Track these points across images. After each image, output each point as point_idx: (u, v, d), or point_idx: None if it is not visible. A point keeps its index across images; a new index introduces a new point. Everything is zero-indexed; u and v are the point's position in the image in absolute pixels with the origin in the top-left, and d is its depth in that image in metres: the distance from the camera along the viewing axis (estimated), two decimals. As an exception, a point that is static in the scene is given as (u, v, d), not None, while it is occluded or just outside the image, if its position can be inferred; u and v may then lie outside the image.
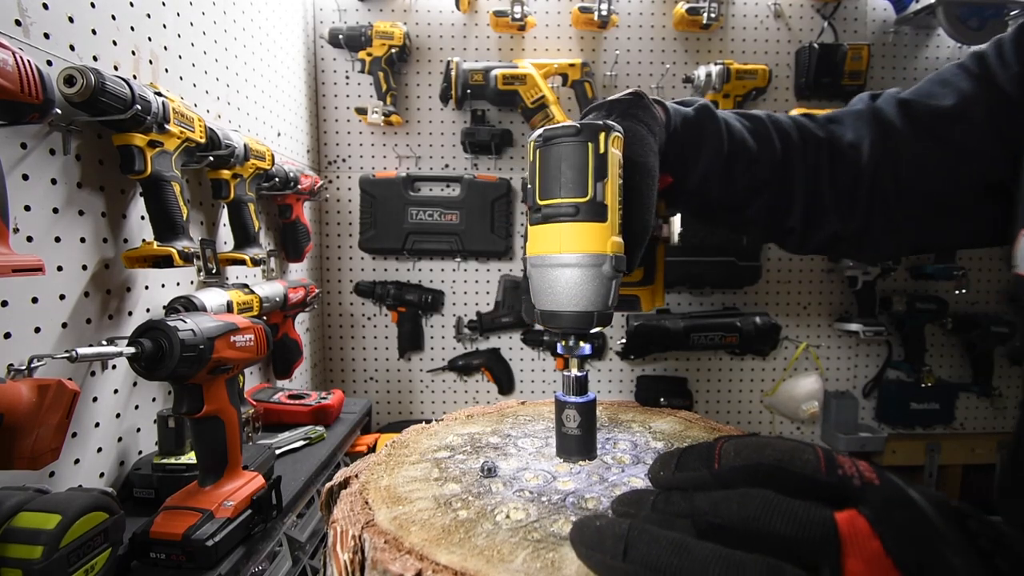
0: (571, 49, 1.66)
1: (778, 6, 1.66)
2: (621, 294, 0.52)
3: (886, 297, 1.73)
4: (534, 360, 1.74)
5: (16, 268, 0.52)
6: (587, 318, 0.44)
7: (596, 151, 0.43)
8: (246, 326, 0.70)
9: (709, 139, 0.58)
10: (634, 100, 0.52)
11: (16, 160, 0.63)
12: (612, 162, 0.43)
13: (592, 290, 0.44)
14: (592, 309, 0.44)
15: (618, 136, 0.45)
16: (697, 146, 0.57)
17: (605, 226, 0.43)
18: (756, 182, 0.60)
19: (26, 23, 0.64)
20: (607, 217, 0.43)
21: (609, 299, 0.44)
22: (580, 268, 0.43)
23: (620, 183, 0.45)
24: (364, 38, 1.54)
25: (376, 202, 1.63)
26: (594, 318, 0.45)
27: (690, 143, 0.57)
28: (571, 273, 0.44)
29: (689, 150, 0.57)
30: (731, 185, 0.60)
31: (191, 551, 0.62)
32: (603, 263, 0.43)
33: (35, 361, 0.57)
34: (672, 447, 0.52)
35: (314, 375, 1.62)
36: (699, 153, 0.58)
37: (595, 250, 0.43)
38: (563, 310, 0.45)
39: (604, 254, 0.43)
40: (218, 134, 0.91)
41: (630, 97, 0.52)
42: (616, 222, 0.44)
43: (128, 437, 0.81)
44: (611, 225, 0.43)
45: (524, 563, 0.33)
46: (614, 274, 0.44)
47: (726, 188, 0.59)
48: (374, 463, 0.49)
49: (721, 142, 0.58)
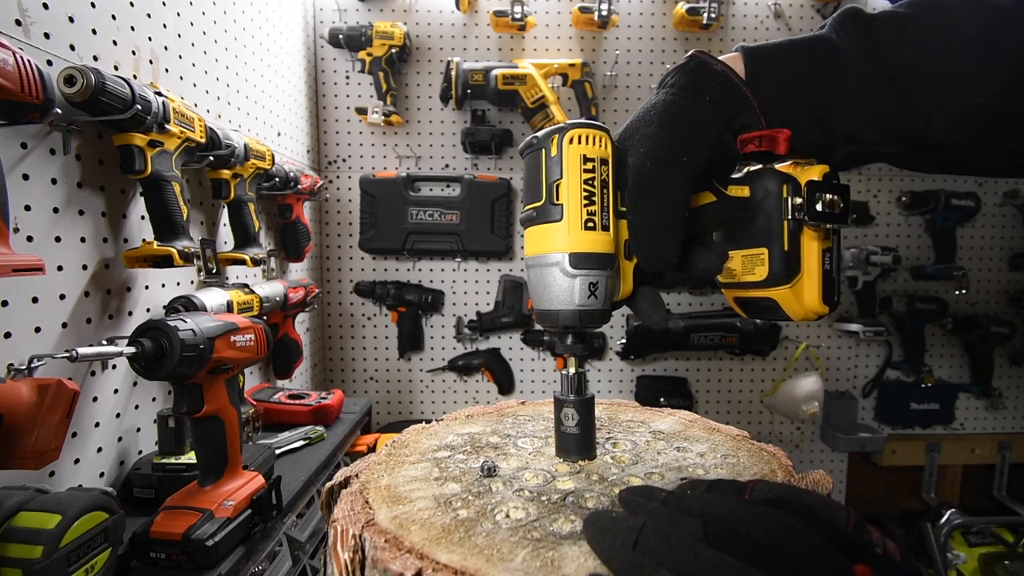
0: (571, 49, 1.66)
1: (778, 6, 1.66)
2: (750, 296, 0.49)
3: (886, 297, 1.73)
4: (534, 360, 1.74)
5: (16, 268, 0.52)
6: (554, 316, 0.45)
7: (548, 155, 0.44)
8: (246, 326, 0.70)
9: (840, 61, 0.42)
10: (682, 65, 0.45)
11: (16, 160, 0.63)
12: (570, 161, 0.43)
13: (555, 289, 0.44)
14: (556, 308, 0.44)
15: (585, 132, 0.43)
16: (825, 74, 0.43)
17: (560, 225, 0.43)
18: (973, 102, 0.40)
19: (26, 23, 0.64)
20: (563, 216, 0.43)
21: (576, 297, 0.44)
22: (545, 268, 0.44)
23: (592, 177, 0.43)
24: (364, 38, 1.54)
25: (376, 202, 1.63)
26: (558, 316, 0.45)
27: (812, 74, 0.43)
28: (540, 273, 0.45)
29: (812, 84, 0.43)
30: (924, 114, 0.41)
31: (191, 551, 0.62)
32: (561, 262, 0.43)
33: (35, 361, 0.57)
34: (672, 447, 0.52)
35: (314, 375, 1.62)
36: (830, 83, 0.42)
37: (552, 249, 0.44)
38: (540, 308, 0.46)
39: (560, 252, 0.43)
40: (218, 134, 0.91)
41: (682, 63, 0.45)
42: (580, 218, 0.43)
43: (128, 437, 0.81)
44: (568, 223, 0.43)
45: (524, 562, 0.33)
46: (576, 272, 0.43)
47: (916, 119, 0.42)
48: (374, 463, 0.49)
49: (868, 58, 0.41)
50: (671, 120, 0.43)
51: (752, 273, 0.48)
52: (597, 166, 0.43)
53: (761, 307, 0.49)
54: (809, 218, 0.44)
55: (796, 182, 0.45)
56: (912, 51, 0.40)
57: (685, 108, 0.43)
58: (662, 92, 0.45)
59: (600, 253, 0.43)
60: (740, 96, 0.43)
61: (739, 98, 0.43)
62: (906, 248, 1.76)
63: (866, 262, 1.66)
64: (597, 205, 0.43)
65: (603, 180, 0.44)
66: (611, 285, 0.45)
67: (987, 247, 1.79)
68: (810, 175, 0.45)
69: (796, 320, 0.47)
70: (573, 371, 0.48)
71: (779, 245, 0.46)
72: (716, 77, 0.43)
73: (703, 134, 0.43)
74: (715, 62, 0.44)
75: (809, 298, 0.46)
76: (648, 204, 0.43)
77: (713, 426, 0.59)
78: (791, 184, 0.45)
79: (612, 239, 0.44)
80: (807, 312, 0.46)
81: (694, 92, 0.43)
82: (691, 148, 0.43)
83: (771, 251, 0.46)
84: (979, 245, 1.79)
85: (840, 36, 0.43)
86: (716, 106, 0.43)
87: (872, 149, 0.44)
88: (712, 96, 0.43)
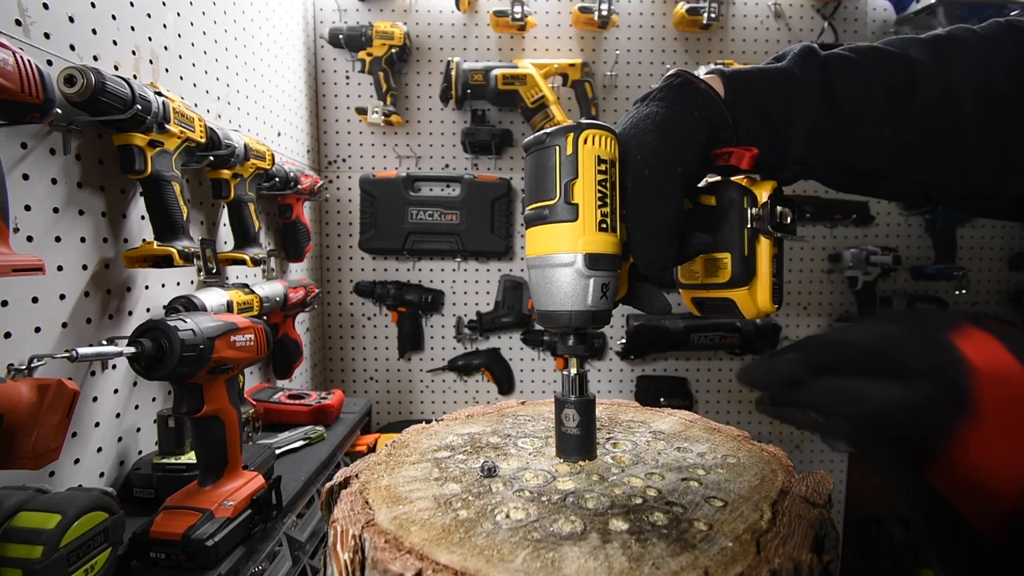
0: (571, 49, 1.66)
1: (778, 6, 1.66)
2: (709, 297, 0.52)
3: (886, 297, 1.73)
4: (534, 360, 1.74)
5: (16, 268, 0.52)
6: (564, 317, 0.45)
7: (563, 152, 0.44)
8: (246, 326, 0.70)
9: (801, 94, 0.47)
10: (668, 82, 0.47)
11: (16, 160, 0.63)
12: (585, 160, 0.43)
13: (567, 290, 0.44)
14: (568, 309, 0.45)
15: (599, 134, 0.44)
16: (788, 103, 0.47)
17: (575, 225, 0.43)
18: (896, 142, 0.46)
19: (26, 23, 0.64)
20: (578, 216, 0.43)
21: (588, 298, 0.44)
22: (553, 268, 0.44)
23: (605, 179, 0.44)
24: (364, 38, 1.54)
25: (376, 202, 1.63)
26: (571, 317, 0.45)
27: (778, 102, 0.47)
28: (546, 273, 0.45)
29: (777, 110, 0.47)
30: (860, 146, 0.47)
31: (191, 551, 0.62)
32: (574, 262, 0.43)
33: (35, 361, 0.57)
34: (673, 447, 0.52)
35: (314, 375, 1.62)
36: (792, 113, 0.47)
37: (563, 250, 0.44)
38: (545, 309, 0.46)
39: (574, 253, 0.43)
40: (218, 134, 0.91)
41: (668, 80, 0.48)
42: (595, 219, 0.44)
43: (128, 437, 0.81)
44: (583, 224, 0.43)
45: (524, 563, 0.33)
46: (591, 273, 0.44)
47: (854, 150, 0.47)
48: (374, 463, 0.49)
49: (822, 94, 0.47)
50: (668, 131, 0.45)
51: (715, 276, 0.51)
52: (608, 168, 0.44)
53: (717, 306, 0.53)
54: (770, 227, 0.48)
55: (754, 195, 0.49)
56: (856, 93, 0.47)
57: (680, 121, 0.46)
58: (652, 104, 0.47)
59: (613, 255, 0.45)
60: (721, 114, 0.47)
61: (720, 115, 0.47)
62: (906, 248, 1.76)
63: (866, 262, 1.66)
64: (609, 207, 0.44)
65: (612, 182, 0.45)
66: (616, 286, 0.46)
67: (987, 247, 1.79)
68: (764, 189, 0.49)
69: (748, 318, 0.52)
70: (574, 372, 0.48)
71: (740, 250, 0.49)
72: (702, 95, 0.47)
73: (694, 146, 0.46)
74: (699, 81, 0.48)
75: (762, 298, 0.49)
76: (648, 212, 0.45)
77: (714, 426, 0.59)
78: (750, 196, 0.49)
79: (619, 240, 0.45)
80: (760, 311, 0.50)
81: (684, 106, 0.46)
82: (686, 158, 0.45)
83: (733, 256, 0.49)
84: (979, 245, 1.79)
85: (801, 69, 0.48)
86: (703, 122, 0.46)
87: (814, 172, 0.50)
88: (700, 112, 0.46)
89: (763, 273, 0.49)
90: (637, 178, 0.45)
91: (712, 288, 0.52)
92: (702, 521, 0.38)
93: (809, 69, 0.48)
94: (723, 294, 0.51)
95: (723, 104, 0.47)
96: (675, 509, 0.40)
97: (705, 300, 0.53)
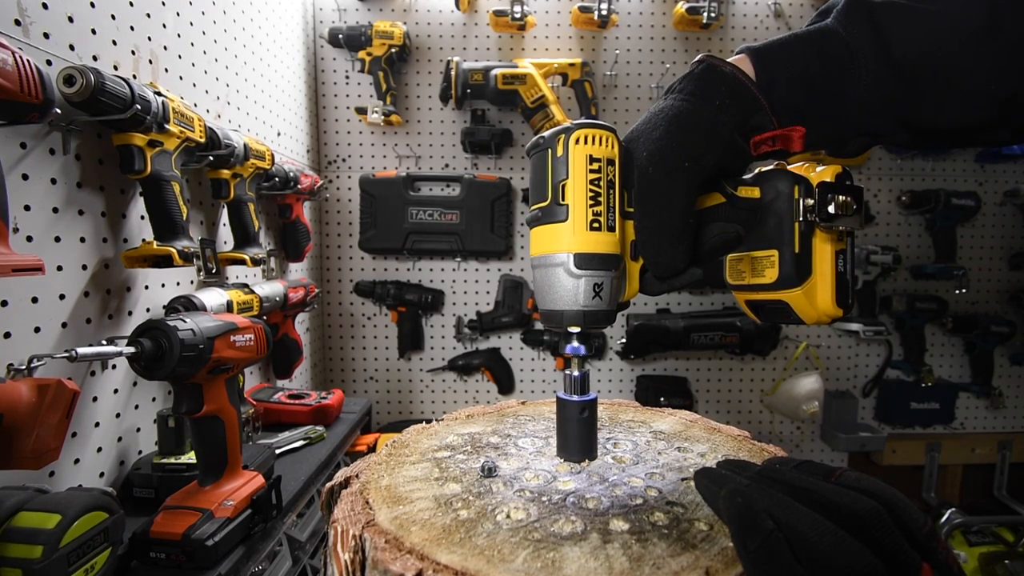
0: (571, 49, 1.66)
1: (778, 6, 1.66)
2: (761, 299, 0.48)
3: (886, 297, 1.73)
4: (534, 360, 1.74)
5: (16, 268, 0.52)
6: (557, 316, 0.45)
7: (554, 155, 0.44)
8: (246, 326, 0.70)
9: (850, 56, 0.42)
10: (691, 70, 0.45)
11: (16, 160, 0.63)
12: (576, 161, 0.43)
13: (560, 289, 0.44)
14: (560, 308, 0.45)
15: (592, 133, 0.43)
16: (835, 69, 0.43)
17: (566, 225, 0.43)
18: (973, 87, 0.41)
19: (26, 23, 0.64)
20: (567, 216, 0.43)
21: (580, 298, 0.44)
22: (549, 268, 0.45)
23: (598, 178, 0.43)
24: (364, 38, 1.53)
25: (376, 202, 1.63)
26: (562, 317, 0.45)
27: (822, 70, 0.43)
28: (544, 273, 0.45)
29: (822, 80, 0.43)
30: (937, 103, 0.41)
31: (191, 551, 0.62)
32: (566, 262, 0.43)
33: (35, 361, 0.57)
34: (673, 447, 0.52)
35: (314, 375, 1.62)
36: (841, 79, 0.43)
37: (557, 250, 0.44)
38: (543, 308, 0.47)
39: (565, 253, 0.43)
40: (218, 134, 0.91)
41: (691, 67, 0.45)
42: (586, 219, 0.43)
43: (128, 437, 0.81)
44: (573, 224, 0.43)
45: (524, 563, 0.33)
46: (582, 272, 0.43)
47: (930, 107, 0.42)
48: (374, 463, 0.49)
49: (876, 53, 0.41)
50: (678, 125, 0.43)
51: (762, 275, 0.47)
52: (603, 166, 0.43)
53: (773, 310, 0.48)
54: (821, 219, 0.44)
55: (808, 183, 0.44)
56: (921, 44, 0.40)
57: (694, 114, 0.43)
58: (671, 97, 0.45)
59: (605, 254, 0.43)
60: (751, 99, 0.43)
61: (750, 100, 0.43)
62: (906, 247, 1.76)
63: (866, 261, 1.65)
64: (603, 206, 0.43)
65: (609, 180, 0.43)
66: (616, 286, 0.45)
67: (987, 246, 1.79)
68: (822, 176, 0.44)
69: (809, 323, 0.47)
70: (576, 372, 0.48)
71: (790, 247, 0.45)
72: (726, 81, 0.43)
73: (711, 139, 0.43)
74: (724, 64, 0.44)
75: (822, 300, 0.45)
76: (652, 209, 0.44)
77: (714, 426, 0.59)
78: (803, 185, 0.45)
79: (618, 240, 0.44)
80: (820, 315, 0.46)
81: (703, 97, 0.43)
82: (695, 153, 0.42)
83: (781, 253, 0.45)
84: (979, 244, 1.78)
85: (847, 30, 0.42)
86: (727, 111, 0.43)
87: (887, 138, 0.44)
88: (722, 101, 0.43)
89: (823, 272, 0.44)
90: (642, 176, 0.44)
91: (759, 290, 0.48)
92: (703, 521, 0.38)
93: (856, 25, 0.42)
94: (774, 296, 0.47)
95: (754, 86, 0.43)
96: (676, 509, 0.40)
97: (759, 303, 0.49)
